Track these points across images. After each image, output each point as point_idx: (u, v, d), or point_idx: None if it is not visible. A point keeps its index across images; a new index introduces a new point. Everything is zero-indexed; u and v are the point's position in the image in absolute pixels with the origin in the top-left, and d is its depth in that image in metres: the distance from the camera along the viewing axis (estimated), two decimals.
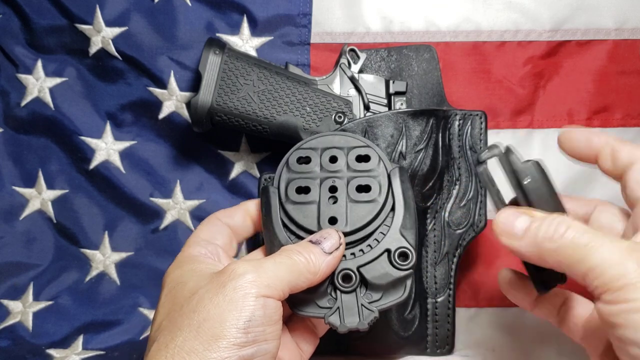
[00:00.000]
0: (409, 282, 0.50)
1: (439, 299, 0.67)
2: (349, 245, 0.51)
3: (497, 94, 0.74)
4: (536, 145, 0.74)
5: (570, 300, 0.52)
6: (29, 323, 0.74)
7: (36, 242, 0.77)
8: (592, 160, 0.51)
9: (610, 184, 0.74)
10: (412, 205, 0.53)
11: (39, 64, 0.76)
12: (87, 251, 0.76)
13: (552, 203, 0.49)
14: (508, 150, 0.50)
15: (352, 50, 0.68)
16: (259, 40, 0.74)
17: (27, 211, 0.77)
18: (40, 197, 0.76)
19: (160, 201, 0.75)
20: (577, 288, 0.50)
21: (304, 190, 0.53)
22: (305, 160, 0.55)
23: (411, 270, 0.50)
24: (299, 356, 0.53)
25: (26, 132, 0.77)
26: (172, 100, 0.74)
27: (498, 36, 0.73)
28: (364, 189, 0.53)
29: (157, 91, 0.74)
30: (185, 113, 0.74)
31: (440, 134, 0.67)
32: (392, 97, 0.68)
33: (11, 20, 0.76)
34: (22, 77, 0.76)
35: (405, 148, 0.65)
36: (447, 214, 0.68)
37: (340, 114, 0.66)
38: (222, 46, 0.66)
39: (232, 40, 0.73)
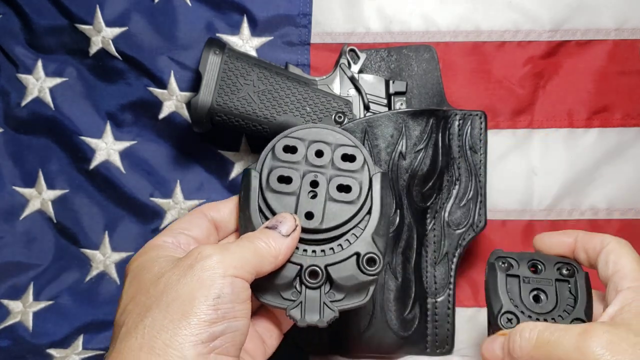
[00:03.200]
0: (372, 288, 0.51)
1: (438, 299, 0.67)
2: (320, 242, 0.51)
3: (497, 94, 0.74)
4: (536, 145, 0.74)
5: None
6: (29, 323, 0.74)
7: (36, 242, 0.77)
8: (570, 254, 0.56)
9: (609, 184, 0.74)
10: (389, 212, 0.53)
11: (39, 64, 0.76)
12: (87, 251, 0.76)
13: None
14: None
15: (352, 50, 0.68)
16: (259, 41, 0.74)
17: (28, 211, 0.77)
18: (40, 197, 0.77)
19: (160, 201, 0.76)
20: None
21: (285, 180, 0.52)
22: (292, 149, 0.54)
23: (376, 277, 0.50)
24: (262, 349, 0.53)
25: (26, 132, 0.77)
26: (172, 100, 0.74)
27: (498, 36, 0.73)
28: (344, 188, 0.52)
29: (157, 91, 0.74)
30: (185, 113, 0.74)
31: (440, 134, 0.67)
32: (392, 97, 0.68)
33: (11, 20, 0.76)
34: (23, 77, 0.76)
35: (405, 148, 0.65)
36: (446, 214, 0.68)
37: (340, 114, 0.66)
38: (222, 46, 0.66)
39: (232, 40, 0.73)
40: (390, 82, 0.68)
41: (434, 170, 0.66)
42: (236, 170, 0.75)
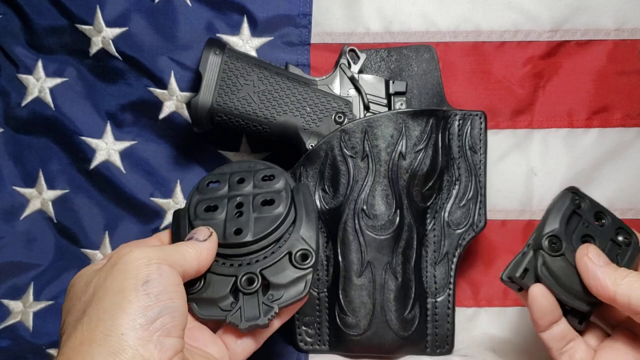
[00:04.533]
0: (309, 278, 0.53)
1: (438, 299, 0.67)
2: (254, 253, 0.54)
3: (497, 94, 0.74)
4: (536, 145, 0.74)
5: (577, 343, 0.55)
6: (30, 323, 0.74)
7: (37, 242, 0.77)
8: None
9: (609, 184, 0.74)
10: (314, 215, 0.56)
11: (40, 64, 0.76)
12: (88, 251, 0.76)
13: None
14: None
15: (352, 50, 0.68)
16: (259, 41, 0.74)
17: (28, 211, 0.77)
18: (40, 197, 0.77)
19: (160, 201, 0.76)
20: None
21: (212, 208, 0.56)
22: (215, 183, 0.58)
23: (311, 269, 0.53)
24: (227, 354, 0.53)
25: (27, 132, 0.77)
26: (173, 100, 0.74)
27: (498, 36, 0.74)
28: (268, 202, 0.56)
29: (157, 91, 0.74)
30: (185, 113, 0.74)
31: (440, 134, 0.67)
32: (392, 97, 0.68)
33: (12, 21, 0.76)
34: (23, 77, 0.76)
35: (405, 148, 0.65)
36: (446, 214, 0.68)
37: (340, 114, 0.66)
38: (222, 46, 0.66)
39: (232, 40, 0.73)
40: (390, 82, 0.68)
41: (434, 171, 0.66)
42: None
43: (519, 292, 0.55)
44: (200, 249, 0.52)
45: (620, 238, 0.55)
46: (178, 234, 0.55)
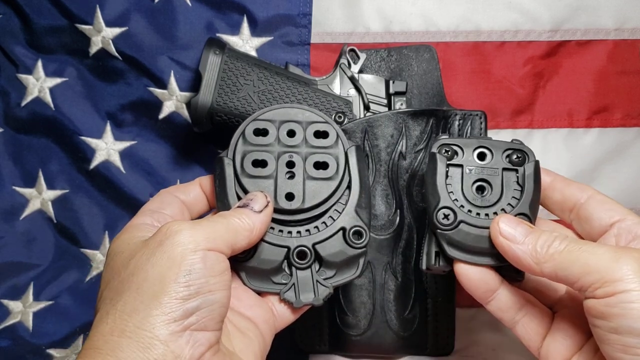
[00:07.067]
0: (362, 261, 0.51)
1: (439, 299, 0.67)
2: (304, 222, 0.51)
3: (497, 94, 0.74)
4: (536, 145, 0.74)
5: (529, 311, 0.52)
6: (29, 323, 0.74)
7: (36, 242, 0.77)
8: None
9: (609, 184, 0.74)
10: (368, 184, 0.53)
11: (39, 64, 0.76)
12: (88, 251, 0.76)
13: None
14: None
15: (352, 50, 0.68)
16: (259, 41, 0.74)
17: (28, 211, 0.77)
18: (40, 197, 0.77)
19: None
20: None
21: (260, 163, 0.52)
22: (262, 132, 0.53)
23: (365, 249, 0.51)
24: (272, 318, 0.51)
25: (26, 132, 0.77)
26: (172, 100, 0.74)
27: (498, 36, 0.74)
28: (321, 165, 0.52)
29: (157, 91, 0.74)
30: (185, 113, 0.74)
31: (440, 134, 0.67)
32: (392, 97, 0.68)
33: (11, 20, 0.76)
34: (23, 77, 0.76)
35: (405, 148, 0.65)
36: None
37: (340, 114, 0.66)
38: (222, 46, 0.66)
39: (232, 40, 0.73)
40: (390, 82, 0.68)
41: None
42: None
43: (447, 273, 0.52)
44: (254, 222, 0.48)
45: (513, 159, 0.50)
46: (223, 187, 0.51)
